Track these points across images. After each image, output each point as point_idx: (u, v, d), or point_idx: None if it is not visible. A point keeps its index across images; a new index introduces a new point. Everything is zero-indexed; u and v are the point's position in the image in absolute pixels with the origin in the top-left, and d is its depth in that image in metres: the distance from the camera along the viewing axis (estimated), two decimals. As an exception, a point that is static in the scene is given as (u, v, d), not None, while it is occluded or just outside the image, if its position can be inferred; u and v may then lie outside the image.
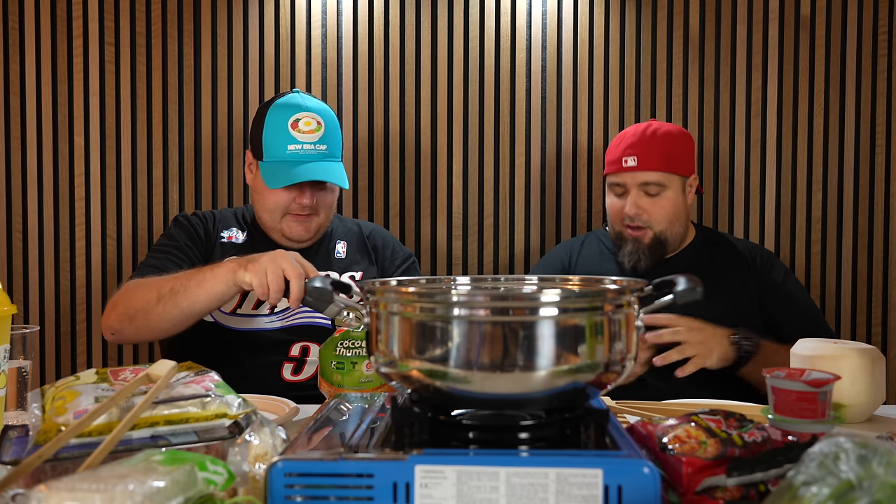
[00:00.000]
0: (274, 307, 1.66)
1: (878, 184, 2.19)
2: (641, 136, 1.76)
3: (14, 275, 2.16)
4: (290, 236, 1.71)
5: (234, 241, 1.74)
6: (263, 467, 0.78)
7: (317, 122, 1.67)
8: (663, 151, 1.74)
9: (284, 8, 2.16)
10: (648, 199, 1.75)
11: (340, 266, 1.76)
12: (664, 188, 1.75)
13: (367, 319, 0.86)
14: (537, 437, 0.79)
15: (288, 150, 1.65)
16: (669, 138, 1.76)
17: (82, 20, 2.15)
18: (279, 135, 1.66)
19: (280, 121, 1.67)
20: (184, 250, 1.69)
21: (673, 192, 1.76)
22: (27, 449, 0.84)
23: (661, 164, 1.74)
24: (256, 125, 1.71)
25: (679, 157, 1.77)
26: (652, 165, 1.73)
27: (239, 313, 1.66)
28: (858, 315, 2.20)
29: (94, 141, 2.16)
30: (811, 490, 0.59)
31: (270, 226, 1.72)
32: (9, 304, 0.95)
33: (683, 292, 0.84)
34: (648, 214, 1.74)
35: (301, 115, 1.67)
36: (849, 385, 1.19)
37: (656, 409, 1.22)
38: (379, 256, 1.81)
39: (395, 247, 1.85)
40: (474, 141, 2.19)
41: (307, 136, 1.66)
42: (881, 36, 2.17)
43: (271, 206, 1.69)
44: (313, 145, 1.66)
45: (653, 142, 1.75)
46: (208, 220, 1.77)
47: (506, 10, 2.18)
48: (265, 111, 1.70)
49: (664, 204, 1.75)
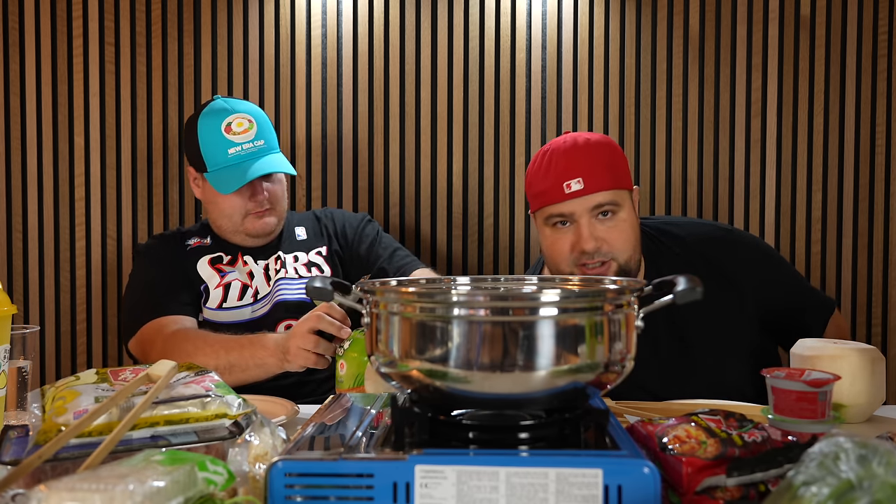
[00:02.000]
0: (256, 295, 1.72)
1: (878, 184, 2.19)
2: (574, 151, 1.46)
3: (14, 275, 2.16)
4: (255, 234, 1.74)
5: (203, 245, 1.78)
6: (263, 467, 0.78)
7: (248, 120, 1.72)
8: (607, 164, 1.45)
9: (284, 8, 2.16)
10: (603, 225, 1.45)
11: (304, 246, 1.82)
12: (618, 208, 1.46)
13: (366, 319, 0.86)
14: (537, 437, 0.79)
15: (229, 154, 1.69)
16: (607, 148, 1.48)
17: (82, 20, 2.15)
18: (216, 142, 1.70)
19: (213, 128, 1.71)
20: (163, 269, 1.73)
21: (626, 212, 1.47)
22: (27, 449, 0.84)
23: (609, 180, 1.44)
24: (190, 139, 1.75)
25: (621, 168, 1.49)
26: (601, 185, 1.43)
27: (225, 307, 1.70)
28: (858, 315, 2.20)
29: (94, 141, 2.16)
30: (811, 490, 0.59)
31: (232, 230, 1.75)
32: (9, 304, 0.95)
33: (683, 292, 0.84)
34: (609, 244, 1.45)
35: (231, 118, 1.71)
36: (849, 385, 1.19)
37: (656, 409, 1.22)
38: (336, 227, 1.87)
39: (347, 215, 1.92)
40: (474, 141, 2.19)
41: (243, 136, 1.70)
42: (881, 36, 2.17)
43: (228, 211, 1.73)
44: (251, 143, 1.70)
45: (592, 156, 1.45)
46: (168, 237, 1.83)
47: (506, 10, 2.18)
48: (194, 124, 1.74)
49: (623, 227, 1.46)
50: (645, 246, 1.56)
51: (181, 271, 1.73)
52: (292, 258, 1.78)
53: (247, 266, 1.75)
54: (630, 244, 1.47)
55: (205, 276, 1.73)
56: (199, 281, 1.72)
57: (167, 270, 1.73)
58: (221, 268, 1.74)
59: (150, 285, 1.72)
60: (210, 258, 1.75)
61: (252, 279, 1.73)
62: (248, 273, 1.73)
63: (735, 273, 1.55)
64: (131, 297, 1.75)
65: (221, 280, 1.72)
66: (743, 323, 1.54)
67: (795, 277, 1.66)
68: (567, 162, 1.45)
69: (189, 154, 1.77)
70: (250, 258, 1.76)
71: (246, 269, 1.74)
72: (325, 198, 2.19)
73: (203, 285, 1.72)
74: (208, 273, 1.73)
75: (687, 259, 1.57)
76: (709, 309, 1.32)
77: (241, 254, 1.76)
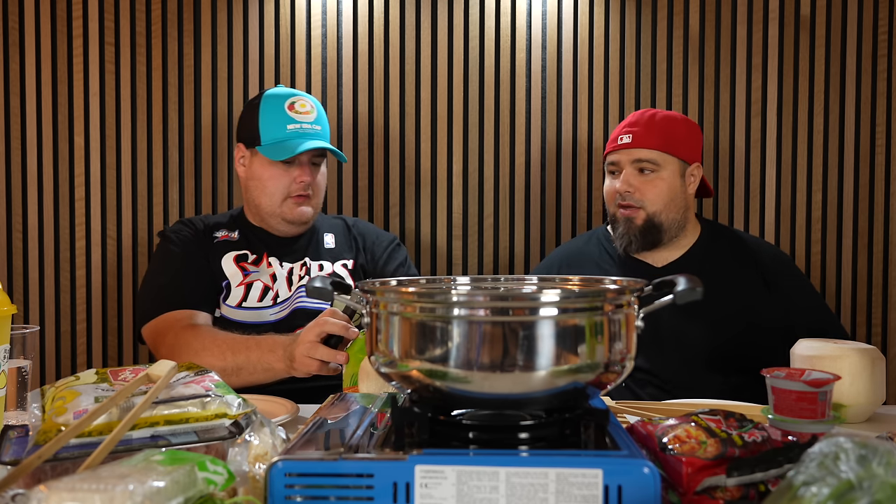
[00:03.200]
0: (276, 298, 1.71)
1: (878, 184, 2.19)
2: (641, 116, 1.73)
3: (14, 275, 2.16)
4: (290, 219, 1.74)
5: (230, 240, 1.77)
6: (263, 467, 0.78)
7: (310, 104, 1.76)
8: (661, 131, 1.70)
9: (284, 8, 2.16)
10: (641, 177, 1.70)
11: (331, 255, 1.81)
12: (659, 168, 1.69)
13: (366, 319, 0.86)
14: (537, 437, 0.79)
15: (288, 129, 1.72)
16: (670, 121, 1.72)
17: (82, 20, 2.15)
18: (277, 117, 1.72)
19: (276, 105, 1.74)
20: (189, 259, 1.72)
21: (669, 174, 1.70)
22: (27, 449, 0.84)
23: (656, 142, 1.69)
24: (248, 115, 1.77)
25: (678, 139, 1.71)
26: (647, 143, 1.68)
27: (244, 306, 1.69)
28: (858, 315, 2.20)
29: (94, 141, 2.16)
30: (811, 490, 0.59)
31: (270, 211, 1.75)
32: (9, 304, 0.95)
33: (683, 292, 0.84)
34: (640, 193, 1.69)
35: (296, 99, 1.75)
36: (849, 385, 1.19)
37: (656, 409, 1.22)
38: (365, 242, 1.87)
39: (378, 233, 1.92)
40: (474, 141, 2.19)
41: (304, 116, 1.73)
42: (881, 36, 2.17)
43: (272, 188, 1.73)
44: (310, 125, 1.74)
45: (651, 122, 1.71)
46: (195, 224, 1.81)
47: (506, 10, 2.18)
48: (258, 102, 1.76)
49: (658, 184, 1.69)
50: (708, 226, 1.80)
51: (206, 264, 1.72)
52: (318, 266, 1.77)
53: (271, 268, 1.74)
54: (661, 200, 1.69)
55: (228, 272, 1.72)
56: (222, 276, 1.72)
57: (192, 261, 1.72)
58: (246, 266, 1.73)
59: (173, 273, 1.71)
60: (236, 255, 1.74)
61: (274, 282, 1.72)
62: (270, 275, 1.73)
63: (775, 281, 1.71)
64: (152, 282, 1.73)
65: (244, 279, 1.71)
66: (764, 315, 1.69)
67: (825, 307, 1.80)
68: (630, 121, 1.74)
69: (243, 130, 1.78)
70: (275, 260, 1.75)
71: (269, 270, 1.73)
72: (326, 198, 2.19)
73: (225, 281, 1.71)
74: (232, 270, 1.72)
75: (738, 250, 1.76)
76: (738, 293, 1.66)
77: (267, 254, 1.75)
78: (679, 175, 1.71)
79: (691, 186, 1.74)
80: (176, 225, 1.81)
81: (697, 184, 1.76)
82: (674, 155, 1.70)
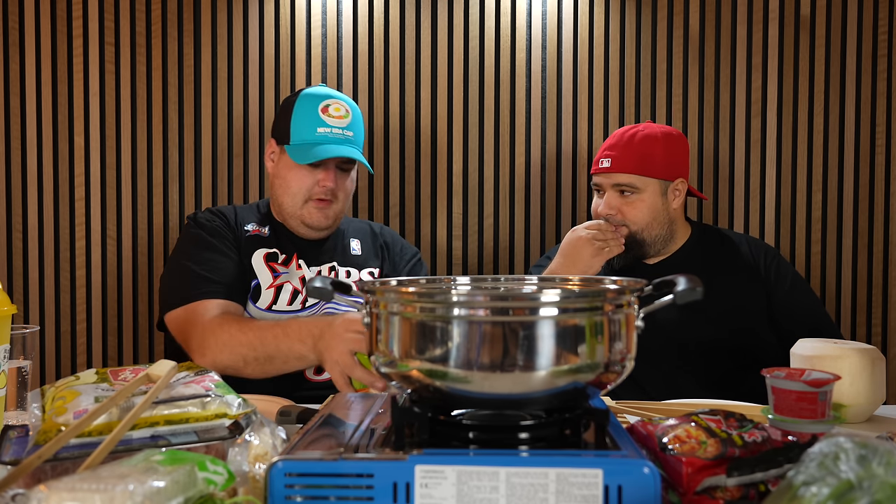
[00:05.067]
0: (305, 302, 1.67)
1: (878, 184, 2.19)
2: (620, 137, 1.77)
3: (14, 275, 2.16)
4: (309, 223, 1.71)
5: (260, 235, 1.73)
6: (263, 467, 0.78)
7: (345, 109, 1.71)
8: (639, 154, 1.73)
9: (284, 8, 2.16)
10: (622, 199, 1.75)
11: (357, 262, 1.78)
12: (638, 191, 1.74)
13: (366, 319, 0.86)
14: (537, 437, 0.79)
15: (317, 133, 1.68)
16: (649, 141, 1.75)
17: (82, 20, 2.15)
18: (309, 118, 1.69)
19: (310, 106, 1.70)
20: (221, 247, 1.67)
21: (649, 195, 1.74)
22: (27, 449, 0.84)
23: (634, 166, 1.73)
24: (284, 113, 1.73)
25: (656, 161, 1.74)
26: (624, 167, 1.73)
27: (275, 309, 1.65)
28: (858, 315, 2.20)
29: (94, 141, 2.16)
30: (811, 490, 0.59)
31: (291, 212, 1.71)
32: (9, 304, 0.95)
33: (683, 292, 0.84)
34: (622, 214, 1.75)
35: (331, 102, 1.71)
36: (849, 385, 1.19)
37: (656, 409, 1.22)
38: (390, 253, 1.84)
39: (404, 244, 1.89)
40: (474, 141, 2.19)
41: (336, 121, 1.69)
42: (881, 36, 2.17)
43: (295, 188, 1.69)
44: (342, 130, 1.69)
45: (629, 144, 1.74)
46: (227, 214, 1.76)
47: (506, 10, 2.18)
48: (294, 99, 1.73)
49: (638, 206, 1.74)
50: (697, 228, 1.85)
51: (237, 256, 1.67)
52: (345, 273, 1.74)
53: (300, 270, 1.70)
54: (644, 220, 1.75)
55: (258, 271, 1.67)
56: (252, 274, 1.67)
57: (225, 250, 1.66)
58: (275, 267, 1.69)
59: (203, 260, 1.63)
60: (266, 253, 1.70)
61: (303, 285, 1.68)
62: (300, 278, 1.69)
63: (768, 277, 1.76)
64: (181, 267, 1.64)
65: (274, 281, 1.66)
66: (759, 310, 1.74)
67: (820, 306, 1.83)
68: (610, 143, 1.79)
69: (277, 126, 1.75)
70: (304, 263, 1.72)
71: (299, 273, 1.70)
72: (325, 198, 2.19)
73: (255, 281, 1.66)
74: (262, 270, 1.68)
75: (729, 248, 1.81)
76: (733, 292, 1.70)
77: (297, 255, 1.72)
78: (660, 194, 1.76)
79: (675, 202, 1.78)
80: (205, 212, 1.75)
81: (683, 197, 1.80)
82: (652, 177, 1.74)
